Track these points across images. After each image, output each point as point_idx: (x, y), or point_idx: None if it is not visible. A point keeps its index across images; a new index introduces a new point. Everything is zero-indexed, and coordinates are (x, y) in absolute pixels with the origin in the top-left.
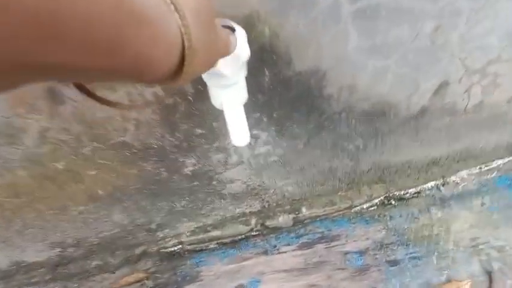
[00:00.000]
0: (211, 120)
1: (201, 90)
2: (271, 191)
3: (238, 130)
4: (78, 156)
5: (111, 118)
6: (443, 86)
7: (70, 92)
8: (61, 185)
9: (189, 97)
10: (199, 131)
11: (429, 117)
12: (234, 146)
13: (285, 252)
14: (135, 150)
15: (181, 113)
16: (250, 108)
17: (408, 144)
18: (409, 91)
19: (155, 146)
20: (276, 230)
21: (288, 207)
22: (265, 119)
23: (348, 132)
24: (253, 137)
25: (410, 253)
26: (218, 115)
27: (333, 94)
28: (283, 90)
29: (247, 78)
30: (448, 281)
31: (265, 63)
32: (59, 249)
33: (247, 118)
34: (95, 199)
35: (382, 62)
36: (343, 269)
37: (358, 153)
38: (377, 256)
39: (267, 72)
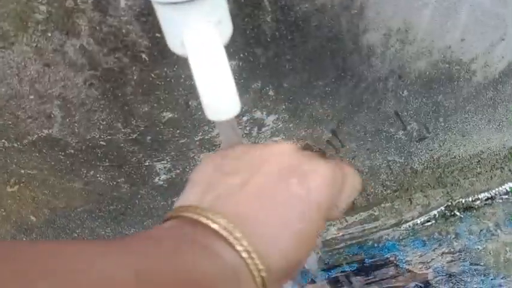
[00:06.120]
0: (185, 94)
1: (161, 40)
2: None
3: (217, 91)
4: None
5: (21, 97)
6: None
7: None
8: None
9: (143, 54)
10: (167, 114)
11: None
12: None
13: None
14: (73, 151)
15: (135, 84)
16: (244, 71)
17: (481, 127)
18: (490, 40)
19: (103, 143)
20: None
21: None
22: (271, 92)
23: (397, 111)
24: (254, 123)
25: (494, 287)
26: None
27: (375, 45)
28: (297, 40)
29: (233, 13)
30: None
31: None
32: None
33: (239, 88)
34: (26, 229)
35: None
36: None
37: (410, 143)
38: None
39: (268, 7)
